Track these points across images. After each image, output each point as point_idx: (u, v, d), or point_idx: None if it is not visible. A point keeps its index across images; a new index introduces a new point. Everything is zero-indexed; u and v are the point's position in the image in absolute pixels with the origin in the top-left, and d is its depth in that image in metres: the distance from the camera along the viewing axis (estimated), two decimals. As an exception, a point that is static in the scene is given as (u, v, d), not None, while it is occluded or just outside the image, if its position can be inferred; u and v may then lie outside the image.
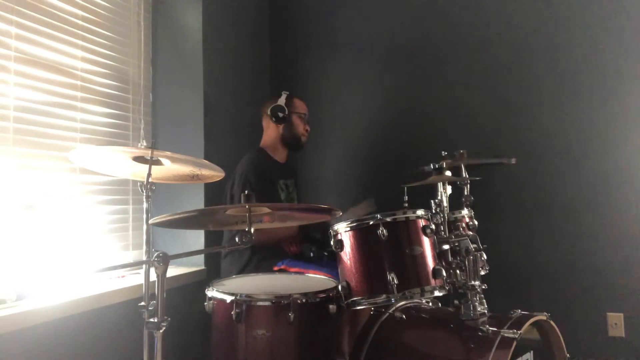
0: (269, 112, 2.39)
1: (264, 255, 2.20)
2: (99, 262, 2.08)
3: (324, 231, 2.44)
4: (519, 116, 2.69)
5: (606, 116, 2.55)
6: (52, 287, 1.74)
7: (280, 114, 2.38)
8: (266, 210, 1.42)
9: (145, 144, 2.30)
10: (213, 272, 2.36)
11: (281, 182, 2.38)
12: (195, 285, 2.24)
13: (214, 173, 1.55)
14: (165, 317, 1.29)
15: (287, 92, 2.45)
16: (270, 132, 2.43)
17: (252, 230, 1.34)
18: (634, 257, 2.47)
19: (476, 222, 1.98)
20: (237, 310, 1.50)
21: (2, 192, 1.70)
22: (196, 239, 2.40)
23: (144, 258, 1.35)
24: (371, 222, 1.59)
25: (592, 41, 2.58)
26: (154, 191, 1.41)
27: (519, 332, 1.48)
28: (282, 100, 2.40)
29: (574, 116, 2.60)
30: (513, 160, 2.16)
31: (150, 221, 1.37)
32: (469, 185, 2.00)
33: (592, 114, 2.57)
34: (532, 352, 1.64)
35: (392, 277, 1.52)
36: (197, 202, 2.40)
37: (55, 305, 1.62)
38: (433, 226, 1.66)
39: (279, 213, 1.58)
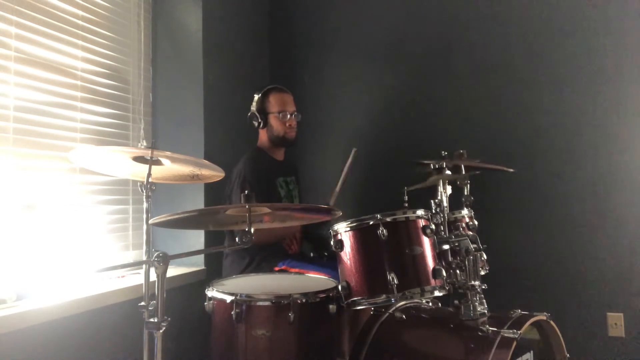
0: (247, 121, 2.38)
1: (265, 256, 2.20)
2: (99, 262, 2.08)
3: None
4: (520, 116, 2.69)
5: (607, 116, 2.54)
6: (52, 287, 1.74)
7: (255, 123, 2.36)
8: (266, 210, 1.42)
9: (145, 144, 2.30)
10: (213, 272, 2.36)
11: (280, 179, 2.37)
12: (195, 285, 2.24)
13: (214, 173, 1.55)
14: (165, 317, 1.29)
15: (260, 93, 2.36)
16: (262, 133, 2.41)
17: (252, 230, 1.34)
18: (634, 257, 2.46)
19: (476, 222, 1.98)
20: (237, 310, 1.50)
21: (2, 192, 1.69)
22: (196, 239, 2.40)
23: (144, 258, 1.35)
24: (371, 222, 1.59)
25: (593, 42, 2.58)
26: (154, 191, 1.41)
27: (519, 332, 1.48)
28: (254, 106, 2.35)
29: (575, 116, 2.60)
30: (511, 170, 2.15)
31: (150, 221, 1.37)
32: (469, 185, 2.00)
33: (593, 114, 2.57)
34: (532, 352, 1.64)
35: (392, 277, 1.52)
36: (197, 202, 2.40)
37: (55, 305, 1.62)
38: (433, 226, 1.66)
39: (279, 213, 1.58)
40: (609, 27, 2.55)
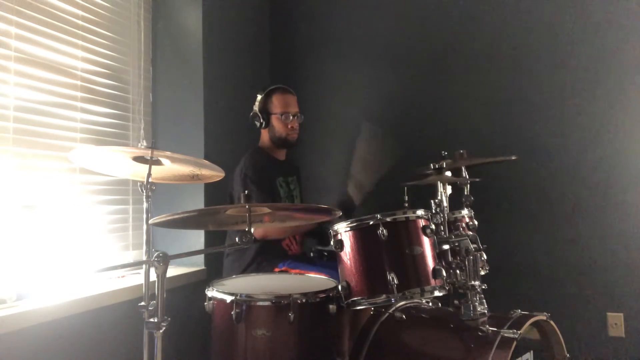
0: (249, 120, 2.37)
1: (266, 256, 2.19)
2: (99, 262, 2.08)
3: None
4: (520, 116, 2.69)
5: (608, 115, 2.54)
6: (52, 287, 1.74)
7: (257, 123, 2.35)
8: (266, 210, 1.42)
9: (145, 144, 2.30)
10: (213, 272, 2.36)
11: (280, 179, 2.36)
12: (195, 285, 2.24)
13: (214, 173, 1.55)
14: (165, 317, 1.29)
15: (263, 93, 2.34)
16: (263, 133, 2.40)
17: (252, 230, 1.34)
18: (634, 258, 2.47)
19: (476, 222, 1.98)
20: (237, 310, 1.50)
21: (2, 192, 1.69)
22: (196, 239, 2.40)
23: (144, 258, 1.35)
24: (371, 222, 1.59)
25: (593, 40, 2.58)
26: (154, 191, 1.41)
27: (519, 332, 1.48)
28: (256, 106, 2.33)
29: (576, 116, 2.60)
30: (513, 157, 2.12)
31: (150, 221, 1.37)
32: (469, 185, 2.00)
33: (594, 114, 2.57)
34: (532, 352, 1.64)
35: (392, 277, 1.52)
36: (197, 202, 2.40)
37: (55, 305, 1.62)
38: (433, 226, 1.66)
39: (279, 213, 1.58)
40: (609, 23, 2.55)
